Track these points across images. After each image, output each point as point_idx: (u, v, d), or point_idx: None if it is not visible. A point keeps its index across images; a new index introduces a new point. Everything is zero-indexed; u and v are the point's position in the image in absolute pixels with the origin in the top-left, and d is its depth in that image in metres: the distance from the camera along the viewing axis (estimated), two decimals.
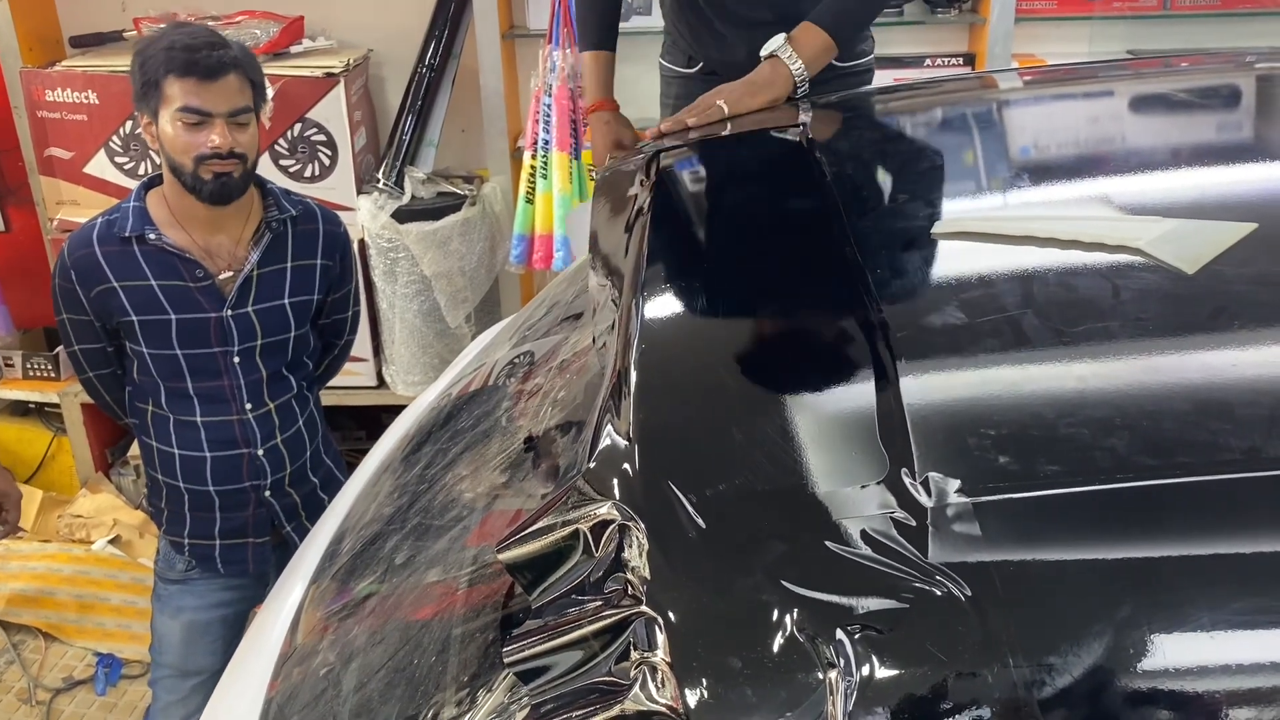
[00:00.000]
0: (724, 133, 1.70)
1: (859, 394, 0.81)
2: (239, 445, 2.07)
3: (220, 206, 1.97)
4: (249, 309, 2.02)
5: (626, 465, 0.80)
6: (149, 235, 1.97)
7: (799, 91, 1.86)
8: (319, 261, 2.12)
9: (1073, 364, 0.80)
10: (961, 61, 3.29)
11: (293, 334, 2.10)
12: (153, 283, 1.97)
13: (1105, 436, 0.71)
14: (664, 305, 1.06)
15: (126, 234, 1.97)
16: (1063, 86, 1.71)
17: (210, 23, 3.20)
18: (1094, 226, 0.94)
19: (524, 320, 1.98)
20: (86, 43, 3.36)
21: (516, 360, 1.72)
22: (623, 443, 0.82)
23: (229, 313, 2.01)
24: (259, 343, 2.05)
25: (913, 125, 1.59)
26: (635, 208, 1.39)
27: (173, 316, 1.98)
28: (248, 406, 2.06)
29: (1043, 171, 1.25)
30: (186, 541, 2.13)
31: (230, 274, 2.02)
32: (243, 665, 1.43)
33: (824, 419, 0.82)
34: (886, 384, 0.79)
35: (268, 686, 1.25)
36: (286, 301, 2.07)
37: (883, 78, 3.28)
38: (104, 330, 2.04)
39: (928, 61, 3.30)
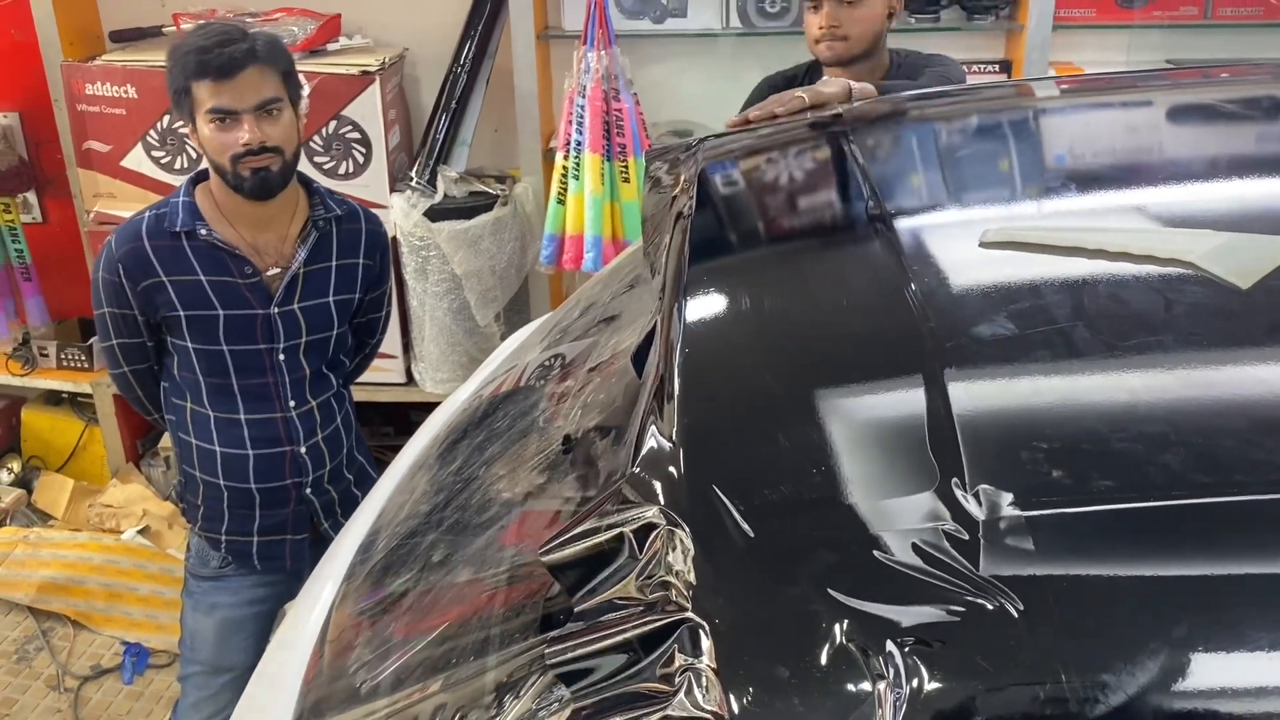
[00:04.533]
0: (769, 135, 1.70)
1: (908, 403, 0.80)
2: (282, 443, 2.08)
3: (264, 202, 1.97)
4: (295, 306, 2.03)
5: (672, 469, 0.80)
6: (200, 231, 1.97)
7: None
8: (361, 261, 2.13)
9: (1125, 378, 0.79)
10: (998, 68, 3.27)
11: (335, 332, 2.11)
12: (202, 278, 1.98)
13: (1160, 453, 0.70)
14: (707, 308, 1.06)
15: (177, 229, 1.97)
16: (1109, 95, 1.70)
17: (248, 19, 3.23)
18: (1144, 239, 0.93)
19: (557, 321, 1.98)
20: (126, 37, 3.39)
21: (550, 361, 1.72)
22: (667, 446, 0.82)
23: (275, 310, 2.01)
24: (303, 340, 2.06)
25: (960, 132, 1.59)
26: (677, 207, 1.39)
27: (220, 312, 1.99)
28: (291, 404, 2.06)
29: (1090, 181, 1.24)
30: (224, 538, 2.13)
31: (277, 271, 2.03)
32: (275, 662, 1.43)
33: (872, 427, 0.82)
34: (936, 394, 0.78)
35: (302, 683, 1.25)
36: (331, 299, 2.08)
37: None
38: (146, 325, 2.05)
39: (964, 68, 3.27)
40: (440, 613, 1.14)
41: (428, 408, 3.59)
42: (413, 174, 3.29)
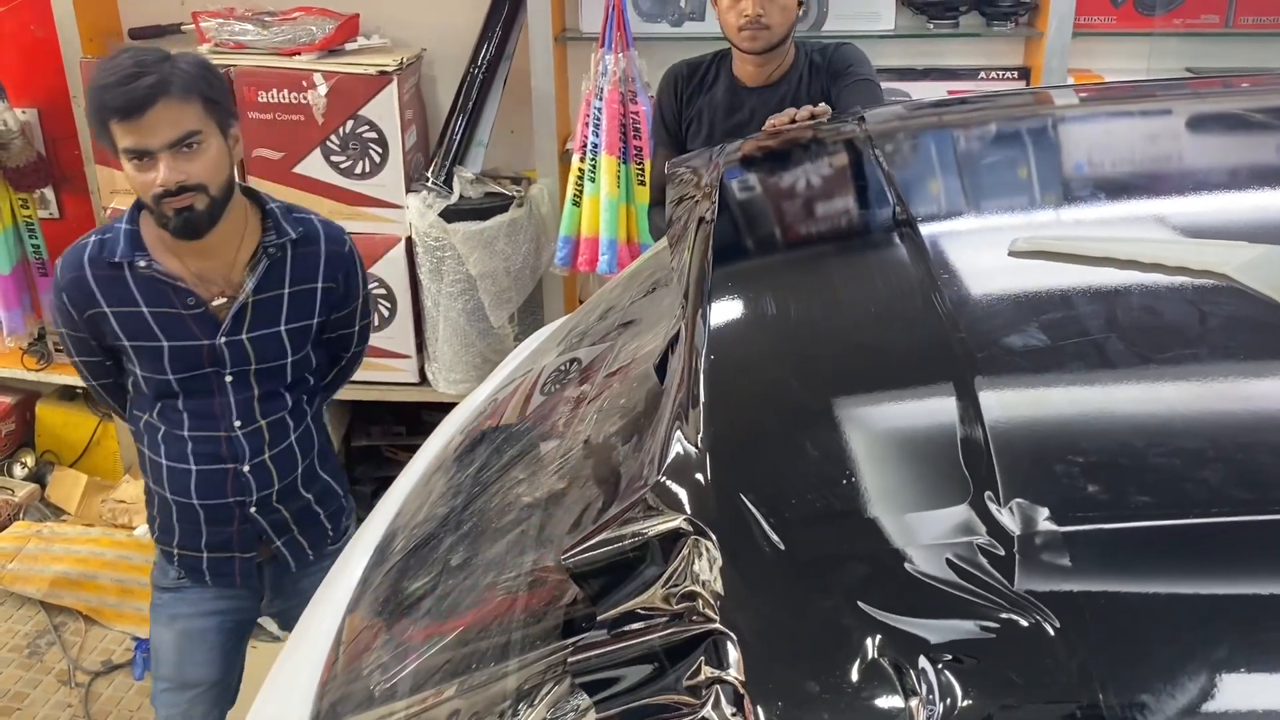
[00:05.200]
0: (790, 140, 1.69)
1: (939, 413, 0.79)
2: (225, 460, 1.98)
3: (192, 240, 1.85)
4: (243, 336, 1.93)
5: (698, 477, 0.79)
6: (139, 262, 1.87)
7: None
8: (319, 285, 2.00)
9: (1160, 391, 0.78)
10: (1017, 75, 3.26)
11: (289, 359, 1.99)
12: (144, 309, 1.89)
13: (1197, 468, 0.69)
14: (732, 314, 1.05)
15: (117, 259, 1.88)
16: (1135, 104, 1.69)
17: (266, 18, 3.23)
18: (1176, 250, 0.92)
19: (574, 325, 1.97)
20: (145, 35, 3.40)
21: (568, 365, 1.71)
22: (694, 453, 0.81)
23: (222, 340, 1.91)
24: (253, 367, 1.96)
25: (986, 140, 1.58)
26: (699, 211, 1.39)
27: (164, 344, 1.90)
28: (237, 424, 1.97)
29: (1119, 189, 1.22)
30: (175, 551, 2.06)
31: (224, 300, 1.92)
32: (290, 661, 1.43)
33: (903, 436, 0.81)
34: (968, 404, 0.77)
35: (318, 685, 1.25)
36: (283, 329, 1.97)
37: (937, 89, 3.27)
38: (100, 347, 1.98)
39: (982, 74, 3.26)
40: (457, 617, 1.13)
41: (441, 408, 3.59)
42: (429, 174, 3.29)
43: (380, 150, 3.23)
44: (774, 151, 1.76)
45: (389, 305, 3.40)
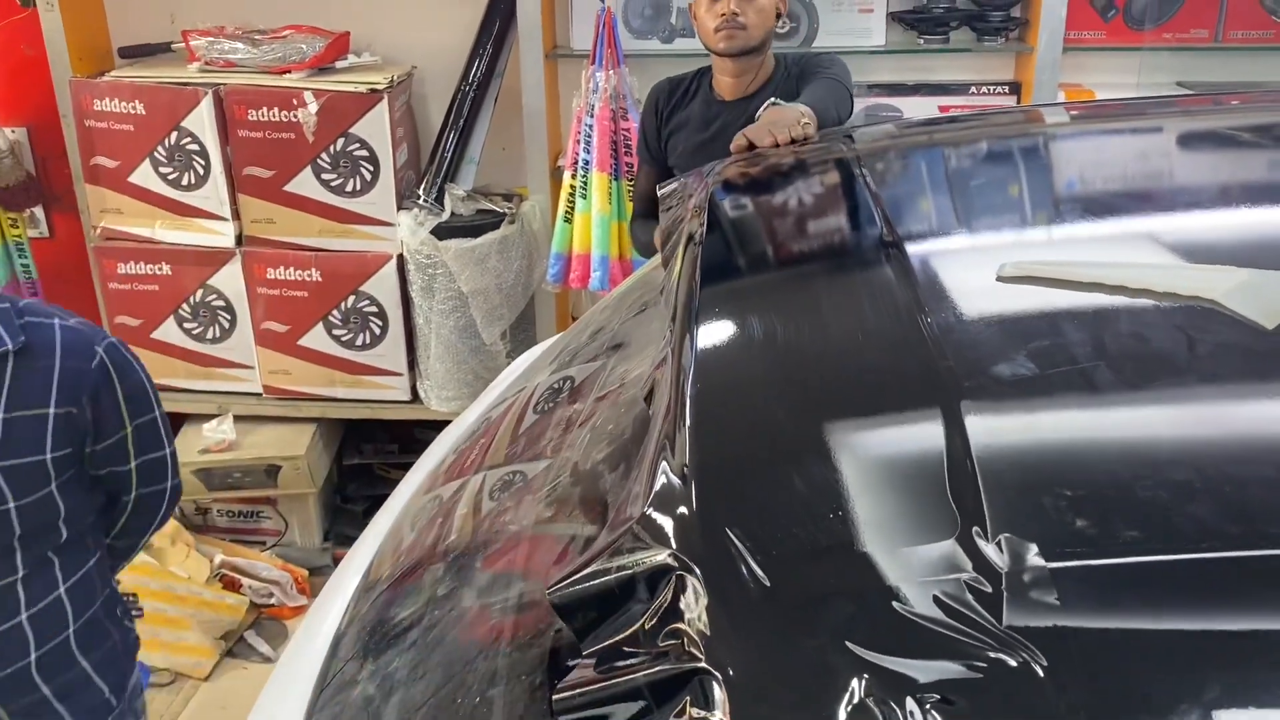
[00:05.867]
0: (779, 161, 1.69)
1: (926, 444, 0.78)
2: None
3: None
4: None
5: (684, 510, 0.78)
6: None
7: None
8: (52, 411, 1.53)
9: (1149, 422, 0.77)
10: (1008, 90, 3.26)
11: (12, 505, 1.51)
12: None
13: (1188, 502, 0.68)
14: (719, 338, 1.04)
15: None
16: (1123, 122, 1.68)
17: (257, 37, 3.23)
18: (1165, 275, 0.92)
19: (566, 344, 1.96)
20: (135, 54, 3.40)
21: (559, 385, 1.71)
22: (680, 485, 0.80)
23: None
24: None
25: (973, 160, 1.57)
26: (688, 232, 1.38)
27: None
28: None
29: (1107, 211, 1.22)
30: None
31: None
32: (278, 684, 1.41)
33: (890, 469, 0.80)
34: (955, 436, 0.76)
35: (306, 707, 1.24)
36: None
37: (928, 104, 3.28)
38: None
39: (973, 89, 3.27)
40: (443, 649, 1.12)
41: (433, 425, 3.58)
42: (420, 192, 3.29)
43: (371, 168, 3.23)
44: (763, 171, 1.75)
45: (380, 323, 3.39)
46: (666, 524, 0.77)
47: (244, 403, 3.52)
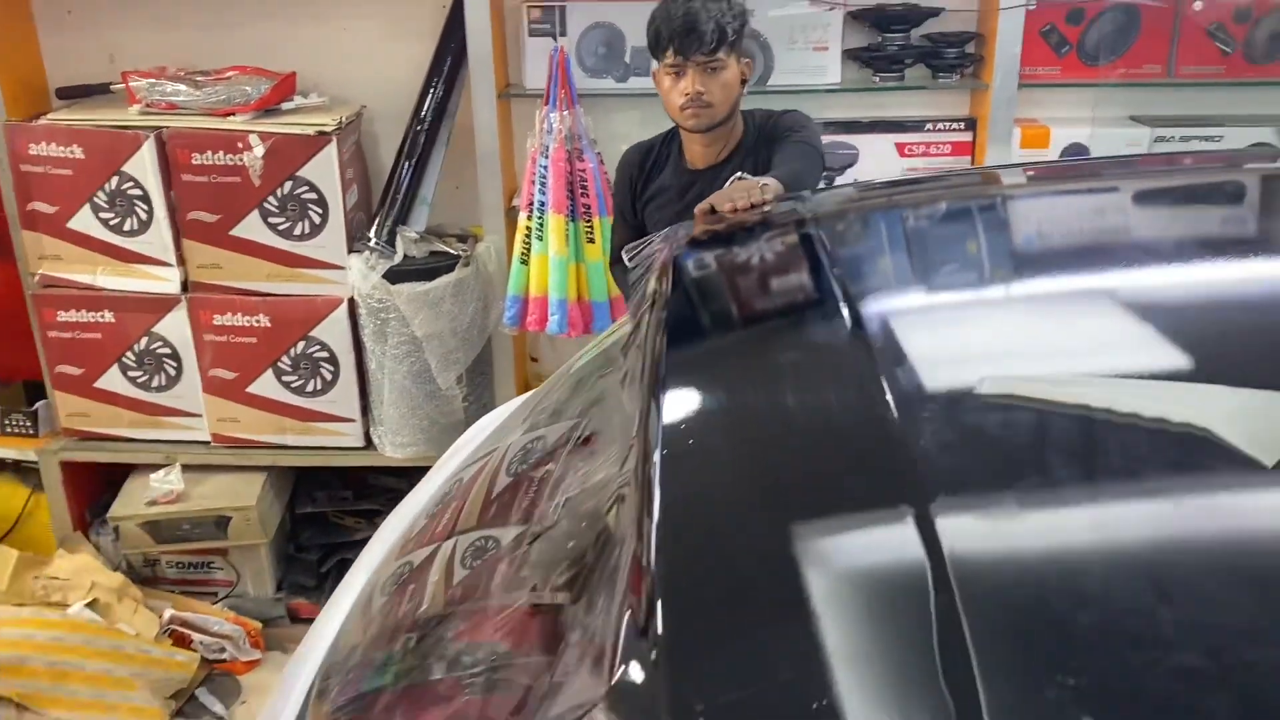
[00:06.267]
0: (744, 227, 1.67)
1: (916, 620, 0.73)
2: None
3: None
4: None
5: (652, 690, 0.73)
6: None
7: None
8: None
9: (1159, 591, 0.73)
10: (963, 126, 3.25)
11: None
12: None
13: (1204, 694, 0.64)
14: (686, 455, 1.00)
15: None
16: (1099, 194, 1.66)
17: (199, 78, 3.14)
18: (1155, 398, 0.87)
19: (538, 403, 1.92)
20: (73, 95, 3.29)
21: (529, 448, 1.67)
22: (647, 668, 0.75)
23: None
24: None
25: (937, 230, 1.55)
26: (651, 299, 1.36)
27: None
28: None
29: (1093, 313, 1.16)
30: None
31: None
32: None
33: (876, 647, 0.75)
34: (948, 616, 0.71)
35: None
36: None
37: (885, 142, 3.25)
38: None
39: (929, 126, 3.25)
40: None
41: (388, 471, 3.50)
42: (371, 234, 3.21)
43: (320, 211, 3.15)
44: (725, 240, 1.72)
45: (331, 368, 3.30)
46: (635, 710, 0.72)
47: (192, 452, 3.42)
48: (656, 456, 0.97)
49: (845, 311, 1.20)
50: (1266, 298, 1.23)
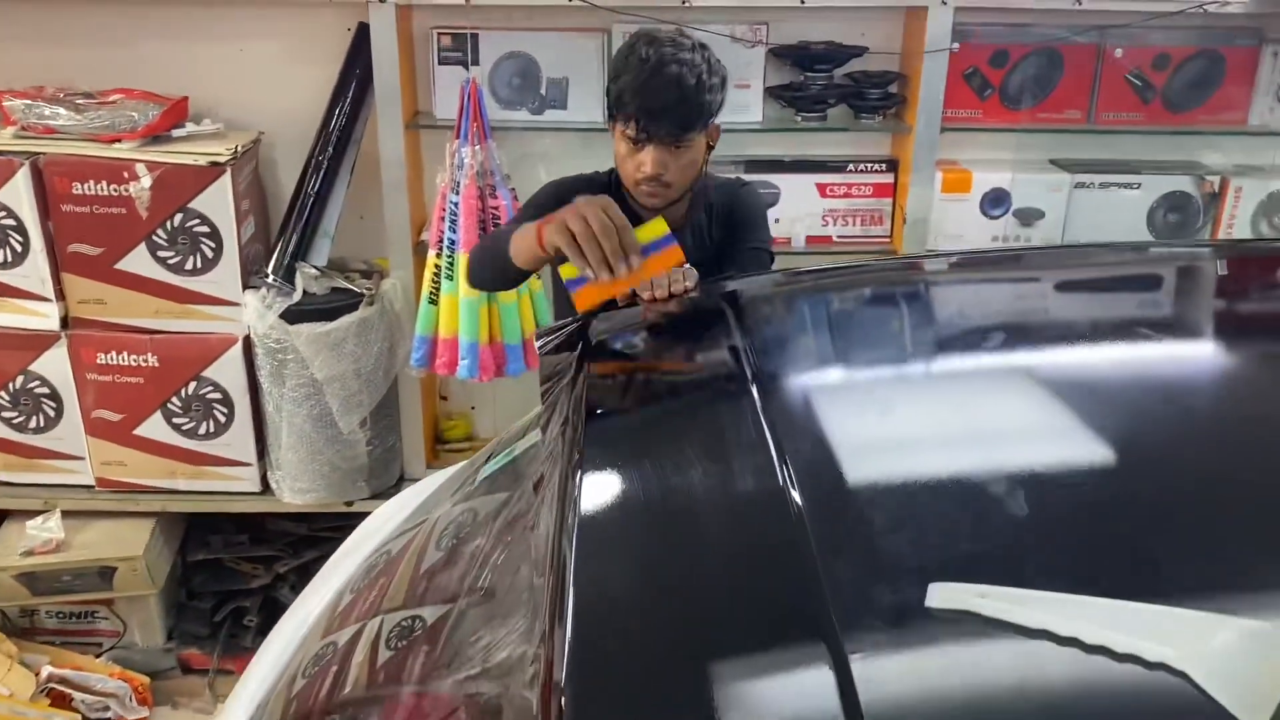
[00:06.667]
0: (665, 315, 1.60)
1: None
2: None
3: None
4: None
5: None
6: None
7: None
8: None
9: None
10: (885, 167, 3.20)
11: None
12: None
13: None
14: (603, 567, 0.94)
15: None
16: (1042, 298, 1.62)
17: (81, 101, 2.92)
18: (1127, 631, 0.78)
19: (471, 472, 1.82)
20: None
21: (460, 521, 1.58)
22: None
23: None
24: None
25: (861, 329, 1.50)
26: (568, 394, 1.29)
27: None
28: None
29: (1054, 492, 1.05)
30: None
31: None
32: None
33: None
34: None
35: None
36: None
37: (806, 182, 3.18)
38: None
39: (851, 166, 3.19)
40: None
41: (284, 517, 3.33)
42: (268, 270, 3.02)
43: (213, 244, 2.96)
44: (644, 331, 1.63)
45: (225, 410, 3.12)
46: None
47: (74, 496, 3.20)
48: (567, 634, 0.88)
49: (760, 410, 1.21)
50: (1156, 383, 1.30)
